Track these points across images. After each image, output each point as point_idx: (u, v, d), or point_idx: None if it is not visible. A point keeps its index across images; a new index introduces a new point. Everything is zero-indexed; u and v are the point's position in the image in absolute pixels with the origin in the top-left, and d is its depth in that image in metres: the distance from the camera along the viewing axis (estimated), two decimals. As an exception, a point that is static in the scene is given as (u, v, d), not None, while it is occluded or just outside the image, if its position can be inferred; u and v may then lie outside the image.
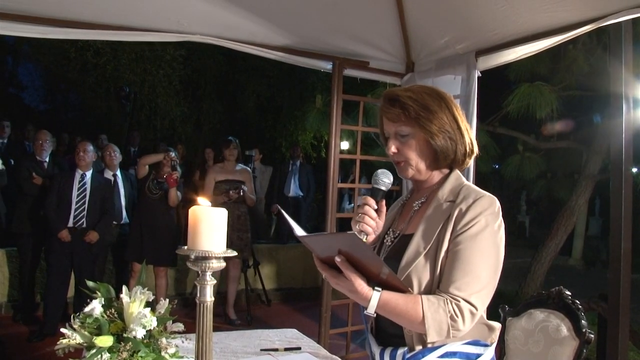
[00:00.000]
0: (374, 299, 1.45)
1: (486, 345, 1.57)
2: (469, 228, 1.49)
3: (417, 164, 1.63)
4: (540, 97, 5.81)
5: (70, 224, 5.07)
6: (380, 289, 1.46)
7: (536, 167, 7.10)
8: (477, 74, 3.26)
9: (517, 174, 7.07)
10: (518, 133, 6.99)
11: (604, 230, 13.30)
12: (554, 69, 6.34)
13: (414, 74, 3.74)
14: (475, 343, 1.55)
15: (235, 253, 1.42)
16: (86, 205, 5.15)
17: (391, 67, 3.82)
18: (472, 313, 1.44)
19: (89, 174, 5.22)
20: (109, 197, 5.37)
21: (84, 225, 5.10)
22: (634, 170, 6.01)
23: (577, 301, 2.09)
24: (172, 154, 5.41)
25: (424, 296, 1.46)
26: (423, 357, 1.51)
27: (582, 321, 2.01)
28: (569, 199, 6.92)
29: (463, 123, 1.63)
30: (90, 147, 5.26)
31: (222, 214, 1.39)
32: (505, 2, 2.84)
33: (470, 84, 3.24)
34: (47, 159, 5.57)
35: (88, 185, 5.17)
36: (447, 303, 1.43)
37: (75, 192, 5.12)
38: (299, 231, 1.53)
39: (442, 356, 1.51)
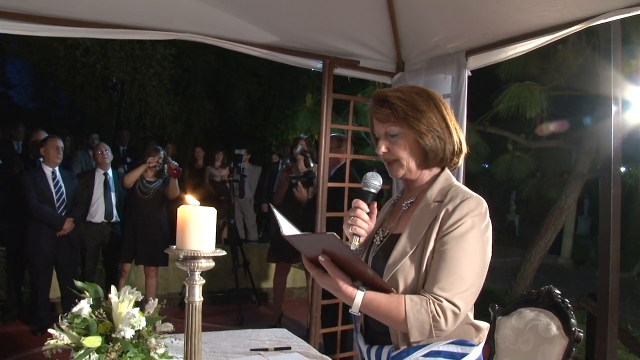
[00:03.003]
0: (358, 298, 1.47)
1: (472, 345, 1.57)
2: (455, 229, 1.50)
3: (407, 163, 1.64)
4: (530, 97, 5.83)
5: None
6: (364, 289, 1.48)
7: (526, 166, 7.13)
8: (467, 73, 3.26)
9: (507, 173, 7.09)
10: (508, 132, 7.02)
11: (593, 229, 13.40)
12: (543, 69, 6.37)
13: (404, 73, 3.73)
14: (460, 343, 1.55)
15: (224, 253, 1.42)
16: (65, 201, 5.18)
17: (382, 67, 3.82)
18: (454, 313, 1.45)
19: (57, 170, 5.23)
20: (77, 190, 5.38)
21: None
22: (623, 169, 6.06)
23: (567, 300, 2.10)
24: (161, 154, 5.42)
25: (407, 296, 1.47)
26: (407, 355, 1.53)
27: (572, 320, 2.02)
28: (559, 198, 6.95)
29: (452, 122, 1.64)
30: (61, 143, 5.27)
31: (210, 213, 1.39)
32: (495, 2, 2.84)
33: (461, 84, 3.24)
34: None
35: (61, 181, 5.20)
36: (430, 303, 1.44)
37: (53, 190, 5.15)
38: (285, 230, 1.54)
39: (426, 355, 1.52)
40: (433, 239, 1.52)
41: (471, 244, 1.50)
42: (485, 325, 1.64)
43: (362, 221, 1.66)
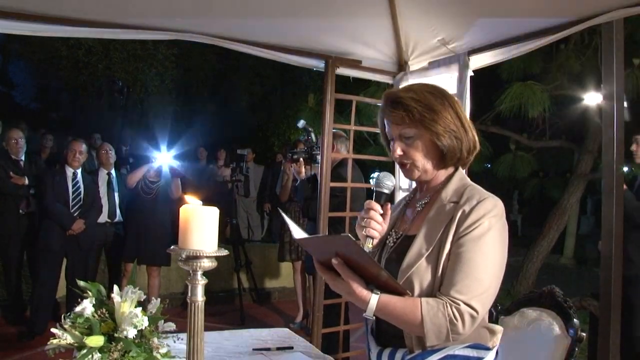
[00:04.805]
0: (373, 301, 1.45)
1: (487, 349, 1.55)
2: (471, 230, 1.47)
3: (423, 165, 1.61)
4: (532, 96, 5.83)
5: None
6: (378, 292, 1.45)
7: (528, 166, 7.12)
8: (469, 73, 3.26)
9: (509, 173, 7.09)
10: (510, 132, 7.01)
11: (596, 229, 13.36)
12: (545, 68, 6.37)
13: (406, 73, 3.73)
14: (476, 346, 1.53)
15: (226, 252, 1.42)
16: (81, 203, 5.21)
17: (384, 66, 3.81)
18: (472, 317, 1.42)
19: (79, 172, 5.28)
20: (97, 194, 5.44)
21: None
22: (625, 169, 6.05)
23: (569, 300, 2.10)
24: None
25: (423, 299, 1.44)
26: (422, 359, 1.50)
27: (574, 320, 2.01)
28: (561, 198, 6.96)
29: (466, 120, 1.61)
30: (85, 147, 5.33)
31: (213, 212, 1.39)
32: (497, 1, 2.84)
33: (463, 83, 3.24)
34: (23, 158, 5.53)
35: (81, 184, 5.23)
36: (447, 307, 1.42)
37: (70, 190, 5.18)
38: (296, 234, 1.53)
39: (441, 359, 1.49)
40: (449, 241, 1.49)
41: (488, 246, 1.47)
42: (499, 329, 1.62)
43: (376, 223, 1.62)
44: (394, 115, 1.60)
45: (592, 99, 6.03)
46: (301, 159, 4.54)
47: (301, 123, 4.58)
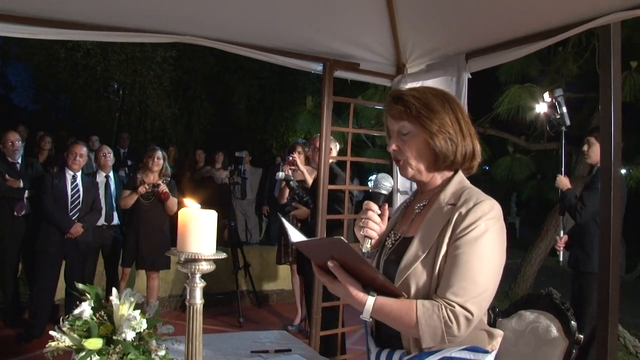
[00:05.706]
0: (369, 303, 1.46)
1: (486, 352, 1.56)
2: (468, 232, 1.48)
3: (416, 164, 1.63)
4: (530, 99, 5.84)
5: None
6: (375, 294, 1.46)
7: (526, 168, 7.12)
8: (467, 75, 3.26)
9: (507, 175, 7.09)
10: (508, 134, 7.02)
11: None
12: (543, 71, 6.38)
13: (404, 75, 3.74)
14: (473, 349, 1.53)
15: (224, 255, 1.42)
16: (80, 205, 5.21)
17: (382, 69, 3.81)
18: (467, 319, 1.42)
19: (78, 174, 5.29)
20: (97, 197, 5.45)
21: None
22: (623, 171, 6.06)
23: (567, 302, 2.10)
24: (159, 153, 5.42)
25: (419, 301, 1.45)
26: None
27: (572, 322, 2.02)
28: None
29: (466, 126, 1.62)
30: (85, 150, 5.33)
31: (211, 215, 1.39)
32: (495, 4, 2.85)
33: (461, 86, 3.24)
34: (19, 161, 5.51)
35: (80, 186, 5.24)
36: (442, 309, 1.42)
37: (69, 193, 5.19)
38: (294, 237, 1.53)
39: None
40: (446, 243, 1.50)
41: (485, 248, 1.47)
42: (499, 332, 1.62)
43: (374, 223, 1.65)
44: (393, 110, 1.64)
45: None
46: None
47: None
